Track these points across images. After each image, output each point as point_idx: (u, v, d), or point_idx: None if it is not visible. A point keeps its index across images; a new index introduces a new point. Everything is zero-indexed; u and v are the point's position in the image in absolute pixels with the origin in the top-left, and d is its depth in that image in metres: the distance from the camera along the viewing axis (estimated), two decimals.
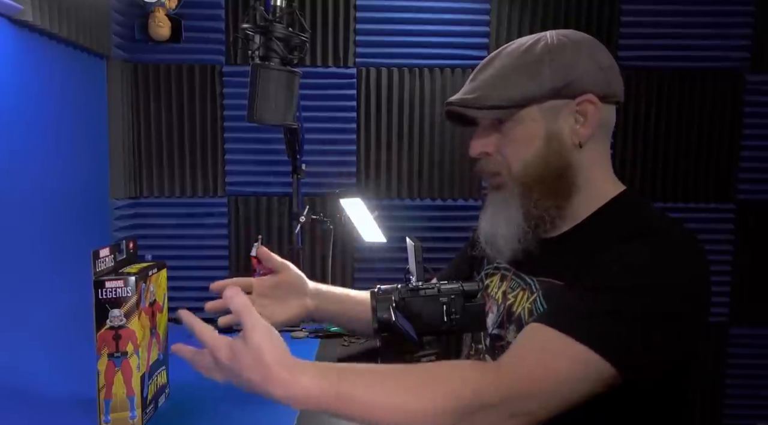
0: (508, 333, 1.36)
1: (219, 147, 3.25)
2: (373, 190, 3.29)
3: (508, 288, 1.41)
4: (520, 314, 1.33)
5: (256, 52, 2.20)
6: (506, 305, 1.39)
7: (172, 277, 2.06)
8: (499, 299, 1.42)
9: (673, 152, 3.30)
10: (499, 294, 1.44)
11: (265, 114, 2.15)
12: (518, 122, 1.30)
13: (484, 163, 1.39)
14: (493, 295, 1.45)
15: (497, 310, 1.41)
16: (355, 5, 3.22)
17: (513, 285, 1.39)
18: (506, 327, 1.36)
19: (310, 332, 2.84)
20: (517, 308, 1.35)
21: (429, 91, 3.26)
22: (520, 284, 1.37)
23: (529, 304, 1.31)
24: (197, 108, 3.22)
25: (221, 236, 3.30)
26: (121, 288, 1.57)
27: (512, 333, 1.34)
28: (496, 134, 1.35)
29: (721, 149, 3.31)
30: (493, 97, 1.29)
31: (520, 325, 1.31)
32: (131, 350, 1.60)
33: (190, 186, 3.26)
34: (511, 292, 1.38)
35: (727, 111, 3.28)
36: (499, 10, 3.23)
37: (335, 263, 3.29)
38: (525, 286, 1.36)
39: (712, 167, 3.31)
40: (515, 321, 1.34)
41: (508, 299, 1.39)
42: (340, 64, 3.25)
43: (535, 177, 1.29)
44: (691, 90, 3.26)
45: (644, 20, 3.23)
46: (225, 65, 3.22)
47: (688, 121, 3.28)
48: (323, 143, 3.24)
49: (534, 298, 1.31)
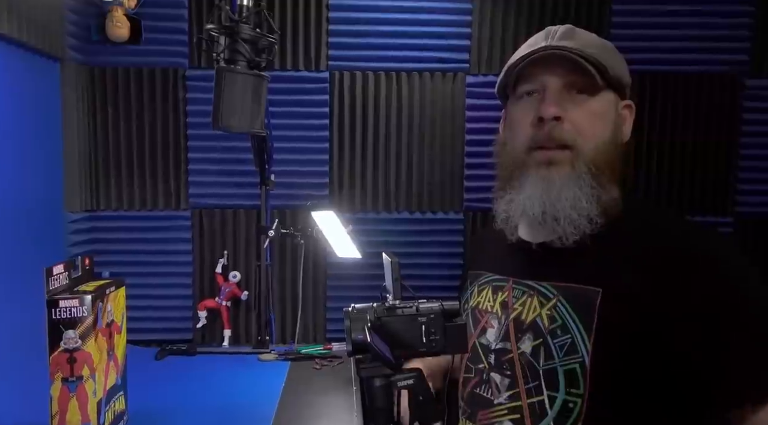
0: (521, 344, 1.34)
1: (182, 156, 3.24)
2: (347, 202, 3.29)
3: (509, 298, 1.40)
4: (536, 322, 1.32)
5: (221, 55, 2.20)
6: (512, 316, 1.38)
7: (132, 296, 2.05)
8: (499, 312, 1.42)
9: (666, 164, 3.33)
10: (496, 306, 1.43)
11: (231, 121, 2.15)
12: (598, 100, 1.32)
13: (554, 129, 1.30)
14: (488, 309, 1.45)
15: (499, 323, 1.41)
16: (327, 5, 3.23)
17: (516, 294, 1.39)
18: (517, 337, 1.34)
19: (279, 354, 2.83)
20: (528, 317, 1.34)
21: (407, 97, 3.27)
22: (527, 292, 1.37)
23: (547, 311, 1.30)
24: (158, 114, 3.21)
25: (184, 252, 3.28)
26: (76, 308, 1.56)
27: (528, 342, 1.33)
28: (569, 104, 1.32)
29: (718, 160, 3.34)
30: (607, 66, 1.30)
31: (539, 333, 1.30)
32: (87, 374, 1.59)
33: (151, 198, 3.24)
34: (516, 301, 1.38)
35: (724, 118, 3.31)
36: (482, 10, 3.25)
37: (306, 280, 3.29)
38: (533, 292, 1.35)
39: (709, 179, 3.34)
40: (530, 330, 1.33)
41: (512, 310, 1.38)
42: (312, 67, 3.25)
43: (606, 159, 1.31)
44: (686, 96, 3.30)
45: (634, 21, 3.27)
46: (188, 69, 3.21)
47: (683, 129, 3.32)
48: (293, 152, 3.23)
49: (553, 304, 1.30)
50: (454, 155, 3.29)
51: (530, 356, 1.29)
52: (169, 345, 2.98)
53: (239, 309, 3.29)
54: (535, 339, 1.31)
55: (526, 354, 1.31)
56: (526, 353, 1.31)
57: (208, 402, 2.34)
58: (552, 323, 1.29)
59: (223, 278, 3.22)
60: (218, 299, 3.20)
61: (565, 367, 1.23)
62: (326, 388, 2.49)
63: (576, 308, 1.26)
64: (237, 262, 3.28)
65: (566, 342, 1.24)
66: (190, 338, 3.25)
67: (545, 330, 1.29)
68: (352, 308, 1.26)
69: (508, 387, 1.32)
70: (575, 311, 1.26)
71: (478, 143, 3.26)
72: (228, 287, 3.20)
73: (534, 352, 1.29)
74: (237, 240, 3.30)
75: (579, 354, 1.21)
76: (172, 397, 2.35)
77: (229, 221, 3.29)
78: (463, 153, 3.29)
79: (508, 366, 1.34)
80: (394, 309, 1.24)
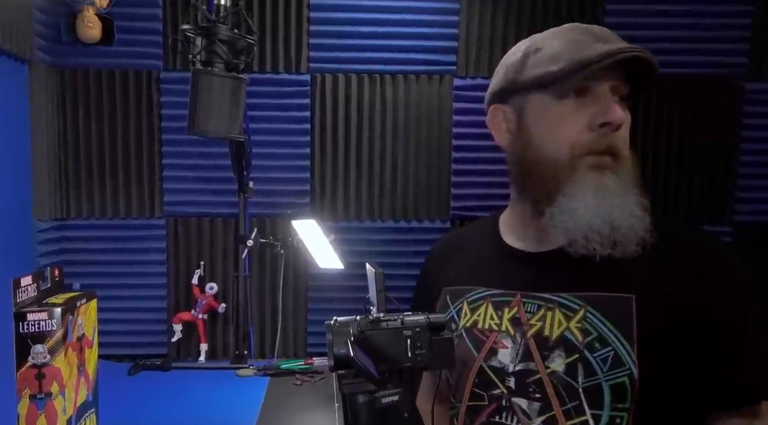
0: (550, 363, 1.29)
1: (156, 162, 3.23)
2: (329, 210, 3.30)
3: (521, 314, 1.36)
4: (567, 337, 1.28)
5: (197, 57, 2.20)
6: (529, 333, 1.33)
7: (103, 308, 2.04)
8: (510, 330, 1.36)
9: (662, 171, 3.36)
10: (505, 324, 1.38)
11: (208, 125, 2.15)
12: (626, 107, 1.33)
13: (614, 137, 1.30)
14: (492, 328, 1.39)
15: (514, 342, 1.35)
16: (308, 4, 3.23)
17: (530, 309, 1.34)
18: (543, 356, 1.29)
19: (258, 369, 2.83)
20: (553, 332, 1.29)
21: (392, 101, 3.28)
22: (543, 306, 1.33)
23: (576, 324, 1.27)
24: (132, 118, 3.20)
25: (158, 263, 3.27)
26: (45, 321, 1.55)
27: (559, 359, 1.28)
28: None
29: (716, 166, 3.36)
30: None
31: (573, 349, 1.27)
32: (56, 390, 1.58)
33: (124, 206, 3.23)
34: (533, 316, 1.33)
35: (722, 124, 3.33)
36: (470, 10, 3.27)
37: (286, 292, 3.29)
38: (552, 306, 1.32)
39: (706, 186, 3.37)
40: (558, 346, 1.29)
41: (530, 326, 1.33)
42: (292, 69, 3.26)
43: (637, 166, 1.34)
44: (682, 100, 3.32)
45: (628, 21, 3.28)
46: (163, 71, 3.21)
47: (679, 134, 3.34)
48: (273, 158, 3.23)
49: (582, 316, 1.27)
50: (441, 161, 3.30)
51: (564, 374, 1.25)
52: (142, 359, 2.96)
53: (216, 322, 3.29)
54: (568, 356, 1.27)
55: (559, 372, 1.27)
56: (558, 371, 1.27)
57: (183, 420, 2.33)
58: (586, 336, 1.26)
59: (199, 289, 3.22)
60: (194, 312, 3.19)
61: (612, 381, 1.20)
62: (307, 405, 2.49)
63: (610, 318, 1.24)
64: (214, 273, 3.28)
65: (608, 354, 1.22)
66: (164, 352, 3.24)
67: (580, 345, 1.26)
68: (335, 321, 1.25)
69: (539, 412, 1.27)
70: (610, 320, 1.24)
71: (465, 149, 3.27)
72: (204, 299, 3.19)
73: (569, 370, 1.25)
74: (214, 250, 3.29)
75: (626, 366, 1.19)
76: (146, 415, 2.34)
77: (205, 230, 3.28)
78: (450, 159, 3.30)
79: (535, 388, 1.29)
80: (378, 322, 1.24)
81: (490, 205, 3.21)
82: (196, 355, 3.21)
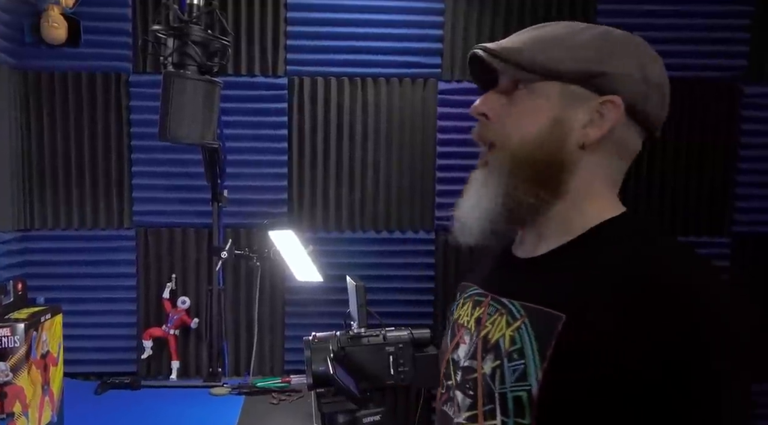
0: (484, 364, 1.31)
1: (125, 170, 3.22)
2: (308, 220, 3.29)
3: (484, 314, 1.39)
4: (499, 343, 1.29)
5: (169, 59, 2.20)
6: (481, 334, 1.36)
7: (69, 324, 2.04)
8: (472, 328, 1.41)
9: (658, 181, 3.37)
10: (471, 322, 1.43)
11: (180, 131, 2.14)
12: (532, 93, 1.32)
13: (481, 128, 1.37)
14: (465, 323, 1.45)
15: (470, 339, 1.40)
16: (285, 4, 3.24)
17: (490, 311, 1.37)
18: (481, 357, 1.33)
19: (232, 387, 2.82)
20: (494, 336, 1.31)
21: (373, 105, 3.29)
22: (498, 309, 1.35)
23: (511, 332, 1.27)
24: (99, 124, 3.19)
25: (128, 275, 3.25)
26: (8, 337, 1.54)
27: (489, 363, 1.30)
28: (505, 101, 1.35)
29: (714, 175, 3.36)
30: (523, 56, 1.31)
31: (499, 355, 1.28)
32: (19, 410, 1.57)
33: (91, 216, 3.22)
34: (489, 318, 1.36)
35: (721, 129, 3.34)
36: (455, 10, 3.27)
37: (263, 306, 3.28)
38: (504, 311, 1.33)
39: (703, 196, 3.38)
40: (492, 350, 1.30)
41: (483, 327, 1.36)
42: (269, 72, 3.25)
43: (527, 157, 1.30)
44: (680, 104, 3.30)
45: (620, 22, 3.28)
46: (132, 74, 3.20)
47: (676, 141, 3.35)
48: (249, 166, 3.23)
49: (518, 326, 1.27)
50: (425, 168, 3.31)
51: (489, 378, 1.28)
52: (110, 378, 2.95)
53: (189, 338, 3.28)
54: (494, 361, 1.30)
55: (486, 375, 1.30)
56: (486, 374, 1.30)
57: None
58: (512, 345, 1.27)
59: (170, 304, 3.20)
60: (165, 328, 3.17)
61: (514, 393, 1.22)
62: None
63: (537, 333, 1.24)
64: (186, 286, 3.27)
65: (518, 367, 1.23)
66: (134, 370, 3.23)
67: (504, 352, 1.28)
68: (313, 337, 1.26)
69: (468, 408, 1.33)
70: (536, 336, 1.24)
71: (451, 156, 3.28)
72: (176, 314, 3.18)
73: (492, 374, 1.28)
74: (186, 262, 3.28)
75: (528, 383, 1.20)
76: None
77: (177, 241, 3.27)
78: (435, 166, 3.31)
79: (471, 385, 1.34)
80: (359, 338, 1.24)
81: None
82: (168, 373, 3.19)
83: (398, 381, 1.23)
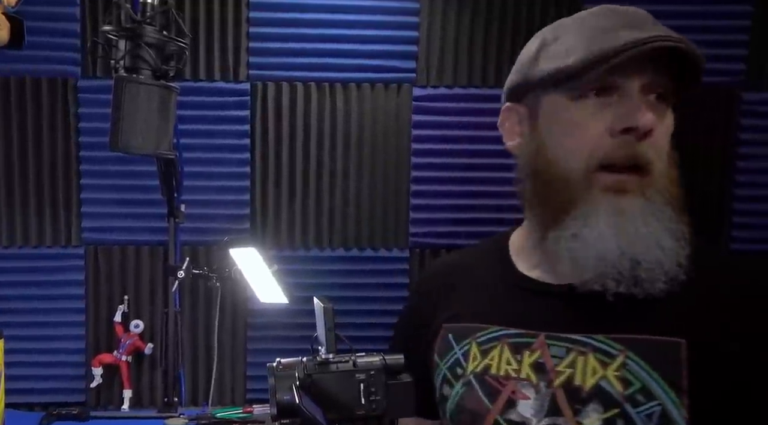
0: (585, 418, 1.19)
1: (73, 183, 3.21)
2: (272, 237, 3.29)
3: (546, 359, 1.26)
4: (602, 388, 1.19)
5: (120, 62, 2.19)
6: (556, 382, 1.24)
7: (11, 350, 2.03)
8: (533, 378, 1.26)
9: None
10: (526, 371, 1.28)
11: (133, 141, 2.14)
12: (670, 106, 1.26)
13: (643, 147, 1.19)
14: (510, 374, 1.29)
15: (537, 392, 1.26)
16: (247, 3, 3.24)
17: (557, 352, 1.25)
18: (575, 409, 1.20)
19: (190, 418, 2.81)
20: (587, 381, 1.21)
21: (343, 113, 3.29)
22: (573, 349, 1.23)
23: (614, 371, 1.18)
24: (45, 133, 3.17)
25: (76, 297, 3.24)
26: None
27: (595, 414, 1.19)
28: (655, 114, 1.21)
29: (710, 189, 3.38)
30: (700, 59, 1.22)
31: (610, 402, 1.18)
32: None
33: (36, 233, 3.20)
34: (561, 362, 1.24)
35: (717, 139, 3.37)
36: (431, 10, 3.28)
37: (223, 330, 3.26)
38: (587, 349, 1.22)
39: (698, 211, 3.33)
40: (593, 399, 1.20)
41: (557, 373, 1.24)
42: (230, 77, 3.26)
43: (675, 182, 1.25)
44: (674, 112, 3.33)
45: None
46: (81, 78, 3.19)
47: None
48: (208, 178, 3.22)
49: (621, 363, 1.18)
50: (399, 181, 3.31)
51: None
52: (57, 408, 2.91)
53: (142, 365, 3.26)
54: (606, 410, 1.18)
55: None
56: None
57: None
58: (627, 386, 1.17)
59: (122, 328, 3.19)
60: (117, 354, 3.15)
61: None
62: None
63: (654, 366, 1.16)
64: (140, 309, 3.25)
65: (654, 410, 1.14)
66: (82, 400, 3.21)
67: (619, 397, 1.17)
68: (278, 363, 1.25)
69: None
70: (655, 369, 1.16)
71: (426, 167, 3.28)
72: (129, 338, 3.16)
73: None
74: (140, 283, 3.27)
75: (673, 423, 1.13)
76: None
77: (130, 259, 3.26)
78: (409, 179, 3.31)
79: None
80: (328, 364, 1.24)
81: (454, 231, 3.23)
82: (119, 403, 3.17)
83: (369, 411, 1.22)
